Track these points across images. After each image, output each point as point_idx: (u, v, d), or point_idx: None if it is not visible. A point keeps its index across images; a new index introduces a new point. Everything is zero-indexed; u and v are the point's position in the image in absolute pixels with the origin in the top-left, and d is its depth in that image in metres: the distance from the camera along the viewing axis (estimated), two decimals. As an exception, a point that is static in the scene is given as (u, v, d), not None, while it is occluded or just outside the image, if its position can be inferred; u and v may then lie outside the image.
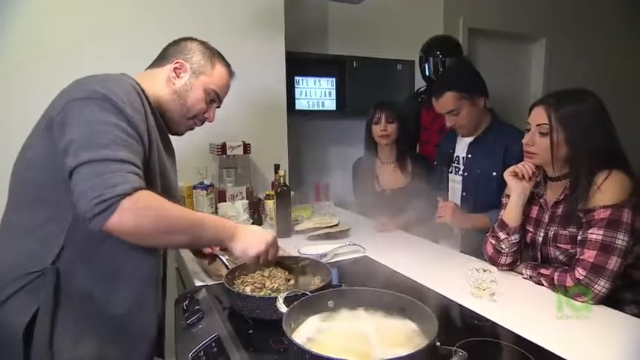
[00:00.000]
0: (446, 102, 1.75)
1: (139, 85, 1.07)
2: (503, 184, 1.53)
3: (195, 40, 1.24)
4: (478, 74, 1.83)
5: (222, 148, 2.11)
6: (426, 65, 2.67)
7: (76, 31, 1.89)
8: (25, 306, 0.91)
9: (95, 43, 1.88)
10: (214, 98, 1.24)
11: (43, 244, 0.94)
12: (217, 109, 1.30)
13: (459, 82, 1.78)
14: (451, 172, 1.84)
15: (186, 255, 1.57)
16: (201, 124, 1.27)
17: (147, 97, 1.08)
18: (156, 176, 1.05)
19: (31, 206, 0.96)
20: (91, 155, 0.87)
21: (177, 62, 1.17)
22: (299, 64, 2.75)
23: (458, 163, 1.87)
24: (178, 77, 1.17)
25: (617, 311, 1.12)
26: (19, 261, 0.93)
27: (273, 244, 1.15)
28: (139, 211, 0.88)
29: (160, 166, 1.07)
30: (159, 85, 1.16)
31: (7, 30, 1.80)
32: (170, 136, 1.29)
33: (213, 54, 1.24)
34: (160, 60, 1.21)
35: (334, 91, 2.98)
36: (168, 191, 1.09)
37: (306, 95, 2.89)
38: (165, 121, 1.17)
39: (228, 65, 1.27)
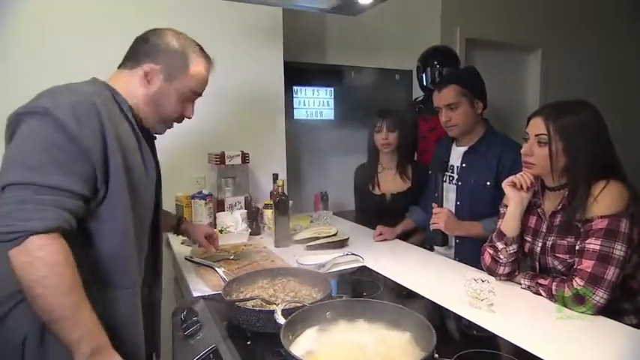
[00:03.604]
0: (447, 93, 1.78)
1: (111, 89, 1.04)
2: (496, 194, 1.54)
3: (166, 34, 1.12)
4: (483, 82, 1.86)
5: (221, 157, 2.12)
6: (424, 75, 2.70)
7: (76, 34, 1.90)
8: (23, 321, 0.91)
9: (95, 47, 1.85)
10: (192, 97, 1.17)
11: None
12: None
13: (464, 79, 1.83)
14: (445, 182, 1.85)
15: (185, 265, 1.57)
16: (181, 121, 1.21)
17: (123, 102, 1.05)
18: (119, 193, 0.96)
19: None
20: (18, 177, 0.84)
21: (147, 67, 1.08)
22: (297, 74, 2.77)
23: (452, 173, 1.88)
24: (150, 83, 1.09)
25: (617, 322, 1.12)
26: (12, 277, 0.88)
27: None
28: (33, 260, 0.81)
29: (132, 179, 1.01)
30: (133, 89, 1.09)
31: (6, 30, 1.81)
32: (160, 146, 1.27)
33: (187, 52, 1.12)
34: (131, 60, 1.11)
35: (332, 100, 2.99)
36: (139, 209, 1.04)
37: (304, 105, 2.91)
38: (142, 124, 1.12)
39: (205, 57, 1.17)
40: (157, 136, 1.24)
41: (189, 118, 1.19)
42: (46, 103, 0.89)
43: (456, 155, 1.88)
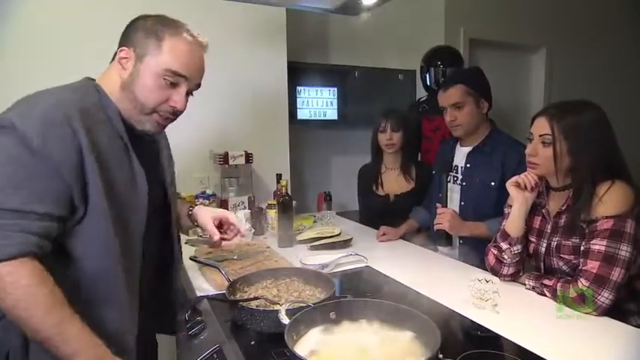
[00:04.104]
0: (453, 93, 1.77)
1: (100, 91, 0.97)
2: (501, 194, 1.53)
3: (145, 17, 1.01)
4: (488, 82, 1.86)
5: (225, 157, 2.12)
6: (427, 75, 2.70)
7: (76, 34, 1.91)
8: (4, 339, 0.87)
9: (95, 47, 1.82)
10: (176, 80, 0.99)
11: None
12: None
13: (470, 78, 1.83)
14: (449, 182, 1.85)
15: (189, 265, 1.57)
16: (173, 115, 1.03)
17: (110, 106, 0.96)
18: (100, 210, 0.88)
19: None
20: None
21: (121, 51, 0.98)
22: (301, 74, 2.77)
23: (456, 173, 1.88)
24: (124, 69, 0.98)
25: (621, 323, 1.11)
26: None
27: None
28: (3, 288, 0.77)
29: (117, 193, 0.92)
30: (112, 82, 0.99)
31: (6, 31, 1.82)
32: (167, 144, 1.22)
33: (161, 26, 0.98)
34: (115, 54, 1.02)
35: (336, 100, 2.99)
36: (126, 224, 0.95)
37: (307, 105, 2.91)
38: (129, 122, 1.00)
39: (187, 34, 1.00)
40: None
41: (178, 108, 1.01)
42: (15, 115, 0.83)
43: (461, 155, 1.87)
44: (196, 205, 1.40)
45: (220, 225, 1.31)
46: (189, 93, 1.04)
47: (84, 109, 0.89)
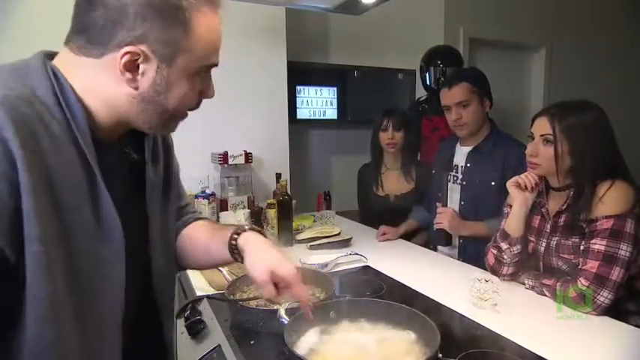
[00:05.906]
0: (459, 91, 1.76)
1: (60, 87, 0.64)
2: (501, 194, 1.54)
3: None
4: (488, 82, 1.86)
5: (224, 157, 2.12)
6: (427, 75, 2.70)
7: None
8: None
9: None
10: (207, 71, 0.76)
11: None
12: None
13: (474, 77, 1.83)
14: (449, 181, 1.85)
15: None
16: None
17: (76, 112, 0.65)
18: (39, 271, 0.58)
19: None
20: None
21: (126, 53, 0.64)
22: (301, 74, 2.77)
23: (456, 172, 1.87)
24: (139, 74, 0.67)
25: (621, 323, 1.11)
26: None
27: None
28: None
29: (72, 243, 0.62)
30: (103, 87, 0.68)
31: (7, 29, 1.82)
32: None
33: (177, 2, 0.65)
34: (86, 38, 0.66)
35: (336, 100, 2.99)
36: (90, 284, 0.65)
37: (307, 104, 2.91)
38: (134, 126, 0.74)
39: (209, 3, 0.72)
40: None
41: (211, 96, 0.79)
42: None
43: (461, 155, 1.87)
44: (245, 230, 0.90)
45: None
46: None
47: (30, 120, 0.58)
